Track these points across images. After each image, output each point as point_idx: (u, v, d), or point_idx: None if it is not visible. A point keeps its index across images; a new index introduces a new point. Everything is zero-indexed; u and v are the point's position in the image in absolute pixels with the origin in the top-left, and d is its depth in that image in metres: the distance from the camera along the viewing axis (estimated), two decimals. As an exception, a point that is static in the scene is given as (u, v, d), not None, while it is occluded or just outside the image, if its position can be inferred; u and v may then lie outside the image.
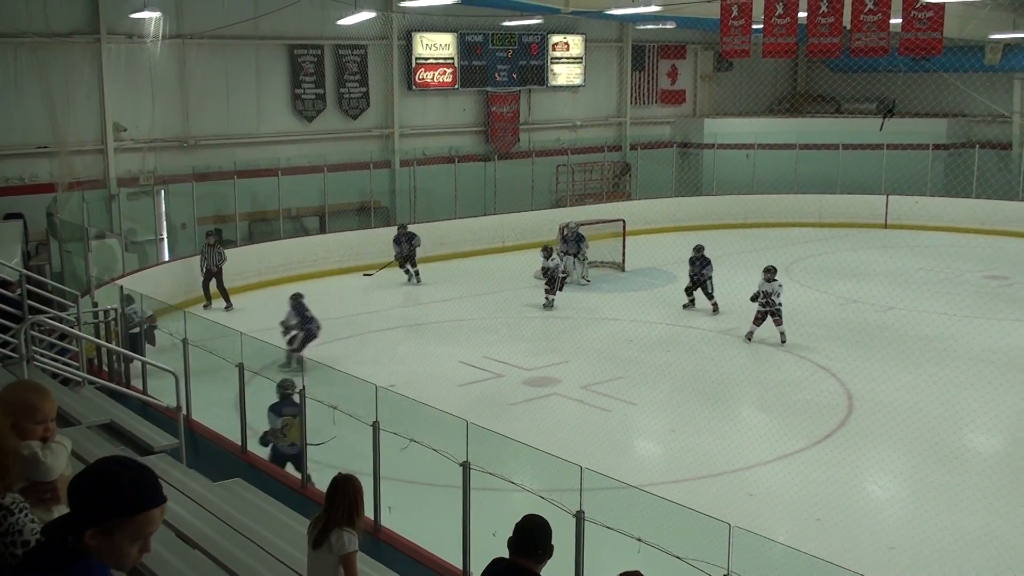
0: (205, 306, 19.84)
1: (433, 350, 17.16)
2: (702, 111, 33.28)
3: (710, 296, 19.35)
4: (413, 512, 10.17)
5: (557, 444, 10.22)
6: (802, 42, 20.43)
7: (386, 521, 9.03)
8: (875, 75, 30.88)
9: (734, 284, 19.90)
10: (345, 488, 5.81)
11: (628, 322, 18.92)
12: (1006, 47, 27.90)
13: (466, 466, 7.87)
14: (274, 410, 10.90)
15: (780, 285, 17.18)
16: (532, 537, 5.05)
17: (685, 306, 19.61)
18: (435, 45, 26.91)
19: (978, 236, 26.83)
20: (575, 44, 29.73)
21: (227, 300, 20.05)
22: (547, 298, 19.96)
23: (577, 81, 30.05)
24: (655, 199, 29.32)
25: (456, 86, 27.52)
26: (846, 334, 17.16)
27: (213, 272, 19.95)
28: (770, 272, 17.28)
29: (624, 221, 24.17)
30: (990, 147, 29.17)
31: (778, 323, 17.06)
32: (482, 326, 18.78)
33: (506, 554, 5.13)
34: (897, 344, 17.09)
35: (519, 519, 5.14)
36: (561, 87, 29.80)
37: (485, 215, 26.74)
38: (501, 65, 28.31)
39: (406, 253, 22.28)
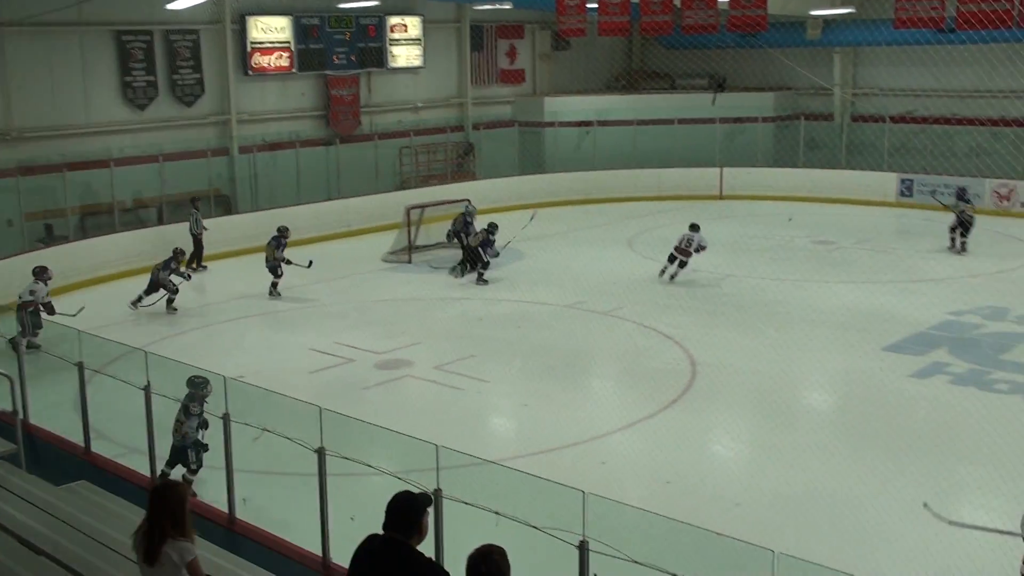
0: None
1: (282, 338, 16.92)
2: (541, 90, 33.64)
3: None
4: (269, 502, 10.07)
5: (412, 425, 10.26)
6: (636, 20, 20.91)
7: (241, 514, 8.90)
8: (706, 51, 31.77)
9: (579, 258, 20.34)
10: (168, 496, 5.49)
11: (477, 300, 19.08)
12: (826, 23, 29.21)
13: (321, 452, 7.83)
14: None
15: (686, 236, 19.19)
16: (398, 513, 5.02)
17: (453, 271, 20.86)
18: (270, 28, 26.33)
19: (806, 204, 28.07)
20: (413, 25, 29.58)
21: (198, 262, 21.85)
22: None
23: (417, 62, 29.93)
24: (499, 178, 29.55)
25: (293, 70, 27.00)
26: (688, 302, 17.75)
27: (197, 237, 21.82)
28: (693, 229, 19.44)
29: (469, 200, 24.30)
30: (814, 119, 30.56)
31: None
32: (331, 311, 18.61)
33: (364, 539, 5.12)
34: (736, 310, 17.78)
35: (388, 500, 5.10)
36: (401, 69, 29.63)
37: (329, 200, 26.39)
38: (339, 48, 27.93)
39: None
